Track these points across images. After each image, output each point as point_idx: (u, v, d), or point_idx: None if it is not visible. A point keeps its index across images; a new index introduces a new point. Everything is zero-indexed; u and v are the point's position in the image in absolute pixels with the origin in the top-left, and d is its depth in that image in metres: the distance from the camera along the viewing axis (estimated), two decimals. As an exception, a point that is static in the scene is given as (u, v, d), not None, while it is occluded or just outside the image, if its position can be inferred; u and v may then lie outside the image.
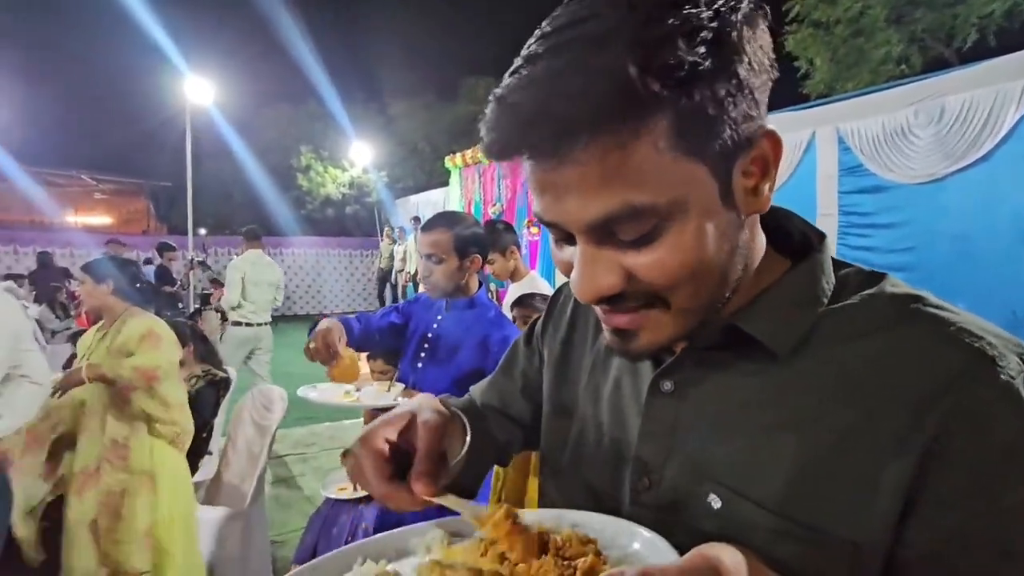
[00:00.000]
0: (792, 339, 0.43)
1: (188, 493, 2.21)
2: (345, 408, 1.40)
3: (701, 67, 0.35)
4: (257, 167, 13.25)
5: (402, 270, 9.62)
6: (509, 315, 1.97)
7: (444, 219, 1.55)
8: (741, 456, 0.43)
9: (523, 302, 2.06)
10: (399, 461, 0.49)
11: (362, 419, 2.96)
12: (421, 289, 6.68)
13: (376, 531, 2.11)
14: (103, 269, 2.11)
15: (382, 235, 10.79)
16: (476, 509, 0.46)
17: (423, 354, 1.52)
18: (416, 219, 9.99)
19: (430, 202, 11.46)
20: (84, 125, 15.23)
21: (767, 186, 0.42)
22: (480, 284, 1.60)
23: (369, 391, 1.37)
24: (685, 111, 0.36)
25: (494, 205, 8.66)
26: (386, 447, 0.49)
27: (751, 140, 0.40)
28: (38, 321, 5.55)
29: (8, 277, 7.53)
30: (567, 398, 0.59)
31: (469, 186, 9.57)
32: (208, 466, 2.72)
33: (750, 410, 0.44)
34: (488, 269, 2.38)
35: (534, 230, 7.91)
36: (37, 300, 6.43)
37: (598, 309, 0.44)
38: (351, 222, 14.48)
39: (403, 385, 1.42)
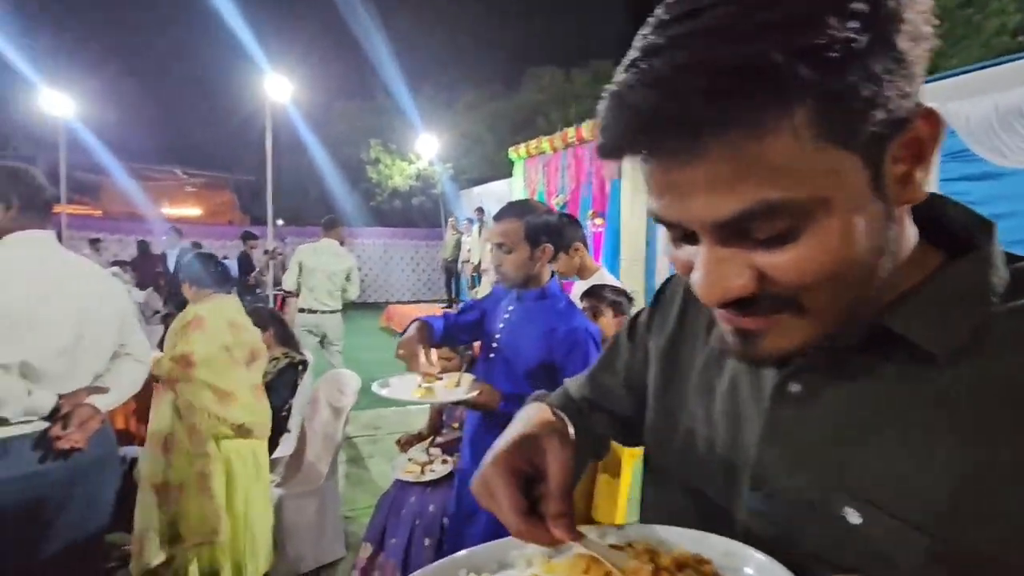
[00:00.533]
0: (953, 341, 0.38)
1: (254, 479, 2.24)
2: (417, 403, 1.43)
3: (855, 44, 0.31)
4: (330, 161, 13.83)
5: (467, 261, 9.73)
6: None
7: (515, 208, 1.54)
8: (887, 468, 0.39)
9: (593, 293, 2.03)
10: (525, 486, 0.47)
11: (428, 405, 3.03)
12: (484, 280, 6.75)
13: (442, 515, 2.16)
14: (181, 266, 2.29)
15: (446, 226, 10.98)
16: (618, 558, 0.44)
17: (494, 345, 1.52)
18: (479, 210, 10.08)
19: (493, 193, 11.54)
20: (177, 123, 16.49)
21: (921, 172, 0.37)
22: (552, 274, 1.57)
23: (439, 385, 1.38)
24: (834, 95, 0.32)
25: (557, 196, 8.58)
26: (519, 479, 0.47)
27: (906, 121, 0.35)
28: (144, 303, 6.09)
29: (114, 263, 8.30)
30: (674, 396, 0.56)
31: (532, 177, 9.53)
32: (287, 443, 2.88)
33: (900, 418, 0.39)
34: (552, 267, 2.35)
35: (598, 221, 7.79)
36: (139, 285, 7.04)
37: (718, 310, 0.41)
38: (417, 213, 14.83)
39: (472, 377, 1.43)
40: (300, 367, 2.98)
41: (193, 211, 15.13)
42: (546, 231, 1.50)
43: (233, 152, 15.83)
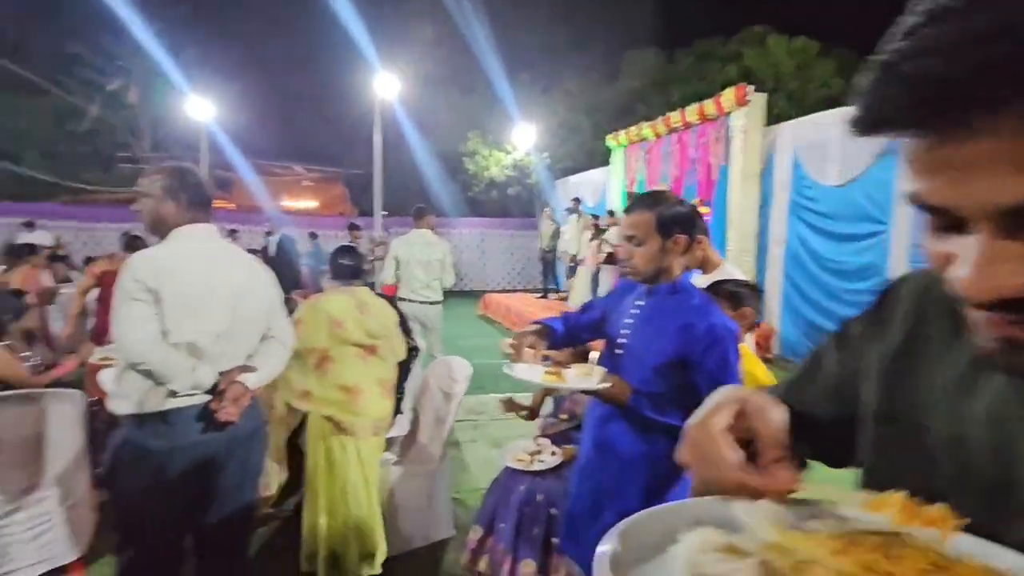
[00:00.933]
0: None
1: (357, 475, 2.37)
2: (548, 387, 1.44)
3: None
4: (431, 153, 14.38)
5: (564, 251, 9.69)
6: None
7: (646, 200, 1.49)
8: None
9: (715, 289, 1.92)
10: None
11: (530, 395, 3.05)
12: (580, 271, 6.58)
13: (550, 505, 2.17)
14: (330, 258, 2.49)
15: (541, 216, 10.99)
16: (853, 495, 0.42)
17: (620, 340, 1.48)
18: (576, 200, 10.00)
19: (590, 182, 11.38)
20: (297, 123, 17.98)
21: None
22: (686, 268, 1.51)
23: (571, 373, 1.38)
24: None
25: (658, 184, 8.27)
26: (730, 433, 0.47)
27: None
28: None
29: (249, 252, 9.23)
30: (902, 407, 0.50)
31: (632, 165, 9.26)
32: (400, 424, 3.04)
33: None
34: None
35: (704, 210, 7.41)
36: (267, 272, 7.76)
37: (980, 312, 0.36)
38: (513, 203, 15.03)
39: (604, 369, 1.41)
40: (412, 353, 3.13)
41: (310, 204, 16.44)
42: (679, 222, 1.44)
43: (345, 148, 16.98)
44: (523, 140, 13.42)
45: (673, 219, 1.43)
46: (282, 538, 2.71)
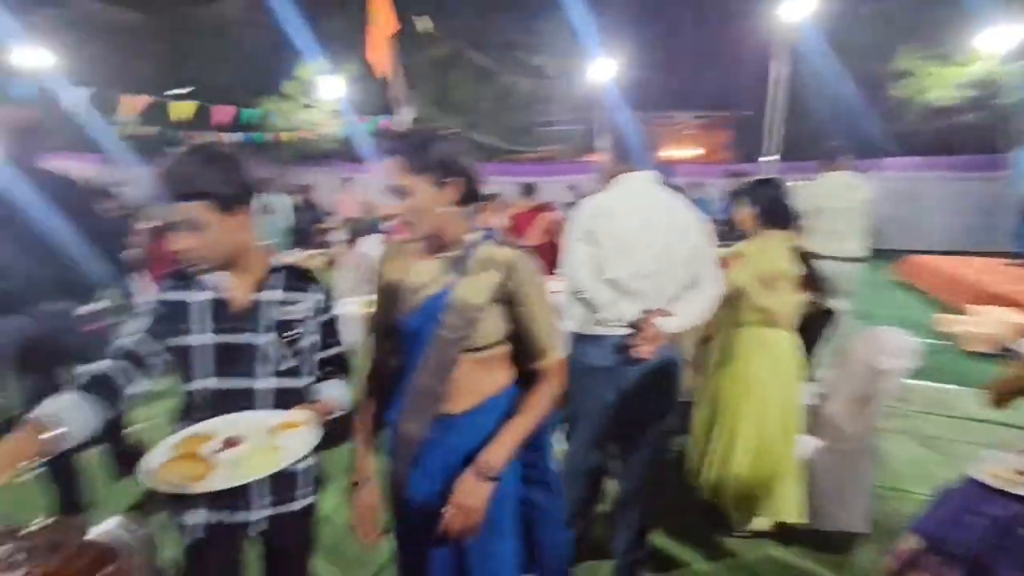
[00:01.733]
0: None
1: (778, 432, 2.33)
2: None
3: None
4: (844, 80, 11.98)
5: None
6: None
7: None
8: None
9: None
10: None
11: (978, 390, 2.25)
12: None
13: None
14: (751, 195, 2.35)
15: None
16: None
17: None
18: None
19: None
20: (684, 70, 17.78)
21: None
22: None
23: None
24: None
25: None
26: None
27: None
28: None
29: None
30: None
31: None
32: (808, 393, 2.70)
33: None
34: None
35: None
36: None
37: None
38: (960, 136, 11.29)
39: None
40: (828, 316, 2.72)
41: (694, 151, 16.31)
42: None
43: (735, 89, 15.97)
44: (995, 45, 9.67)
45: None
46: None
